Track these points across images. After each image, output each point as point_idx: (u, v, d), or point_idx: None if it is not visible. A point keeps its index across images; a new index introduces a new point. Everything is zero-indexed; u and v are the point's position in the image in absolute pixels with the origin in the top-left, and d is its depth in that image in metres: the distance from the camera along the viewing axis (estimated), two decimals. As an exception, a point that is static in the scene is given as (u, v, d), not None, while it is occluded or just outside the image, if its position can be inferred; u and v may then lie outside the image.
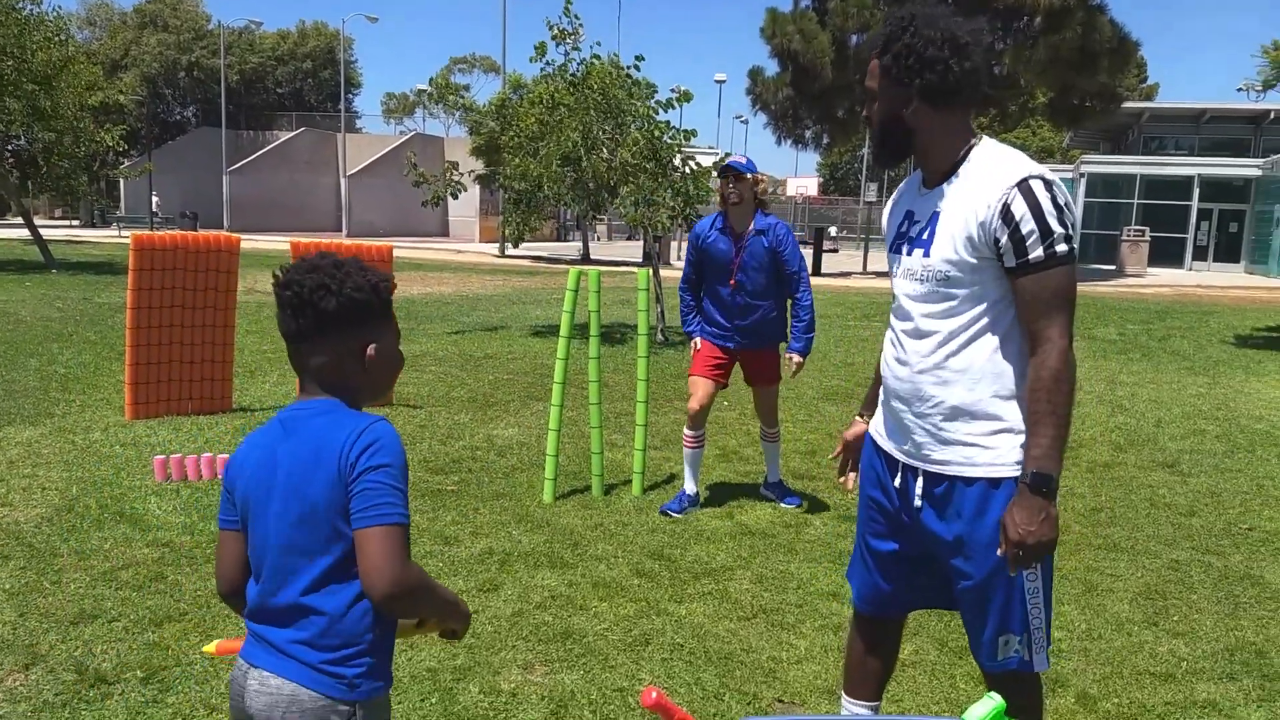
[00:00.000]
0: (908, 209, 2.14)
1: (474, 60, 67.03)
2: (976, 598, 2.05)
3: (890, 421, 2.17)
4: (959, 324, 2.00)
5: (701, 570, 3.98)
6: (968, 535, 2.03)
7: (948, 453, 2.04)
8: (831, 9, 23.34)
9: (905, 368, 2.08)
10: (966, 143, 2.02)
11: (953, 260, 1.97)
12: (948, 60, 1.93)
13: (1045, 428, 1.90)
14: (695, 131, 11.31)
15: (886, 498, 2.19)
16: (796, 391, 8.11)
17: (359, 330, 1.54)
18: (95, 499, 4.62)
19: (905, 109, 2.00)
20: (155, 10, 51.42)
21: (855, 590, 2.34)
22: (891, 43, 1.97)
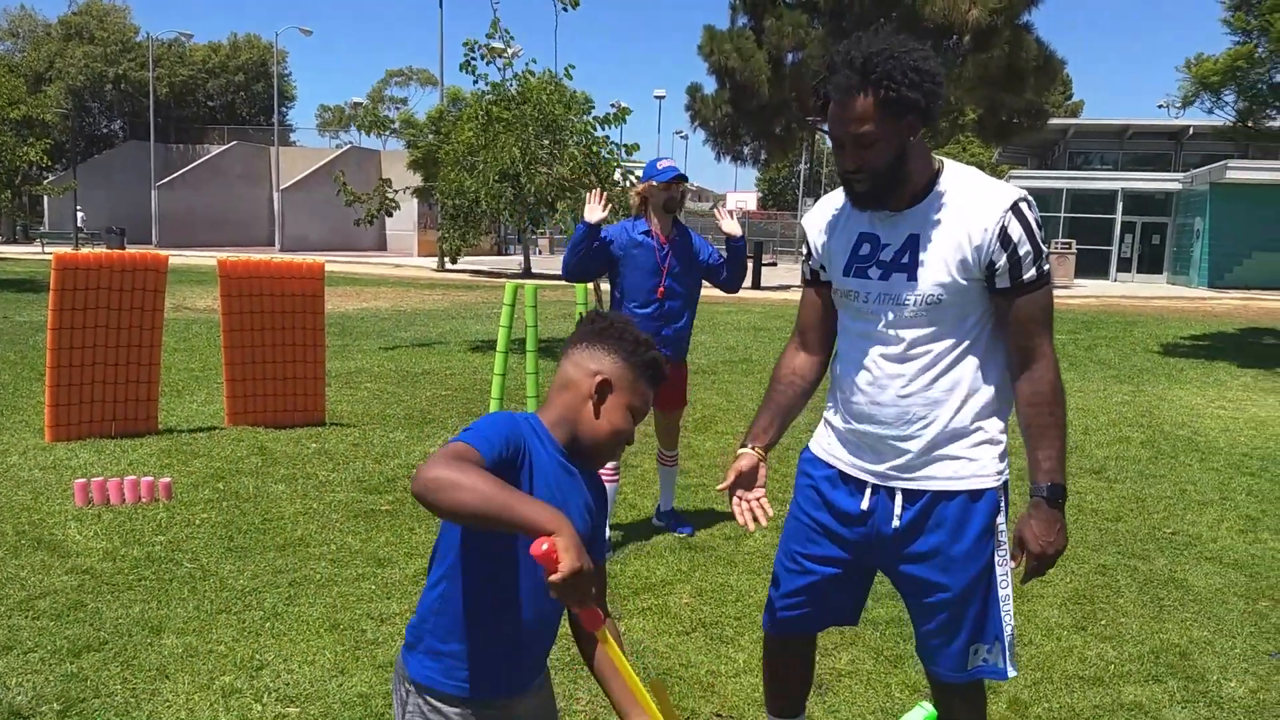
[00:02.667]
0: (864, 231, 2.06)
1: (411, 73, 66.49)
2: (953, 610, 2.06)
3: (856, 444, 2.12)
4: (946, 345, 2.00)
5: (641, 585, 3.96)
6: (947, 548, 2.03)
7: (934, 469, 2.04)
8: (768, 28, 23.68)
9: (886, 392, 2.04)
10: (934, 165, 2.02)
11: (945, 284, 1.96)
12: (940, 77, 1.91)
13: (1052, 440, 1.97)
14: (638, 145, 11.36)
15: (839, 521, 2.14)
16: (738, 404, 8.16)
17: (602, 357, 1.64)
18: (12, 525, 4.43)
19: (912, 137, 1.93)
20: (81, 22, 50.06)
21: (780, 614, 2.26)
22: (896, 75, 1.85)
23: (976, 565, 2.03)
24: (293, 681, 3.05)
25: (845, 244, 2.09)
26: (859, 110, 1.88)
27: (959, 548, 2.02)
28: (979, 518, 2.02)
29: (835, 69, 1.89)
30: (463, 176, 10.92)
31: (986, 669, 2.08)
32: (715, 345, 12.41)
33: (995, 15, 21.65)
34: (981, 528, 2.02)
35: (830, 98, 1.92)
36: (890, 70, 1.84)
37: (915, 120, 1.91)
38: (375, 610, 3.62)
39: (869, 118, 1.87)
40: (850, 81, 1.87)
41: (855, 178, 1.97)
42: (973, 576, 2.02)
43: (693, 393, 8.66)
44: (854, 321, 2.10)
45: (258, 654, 3.21)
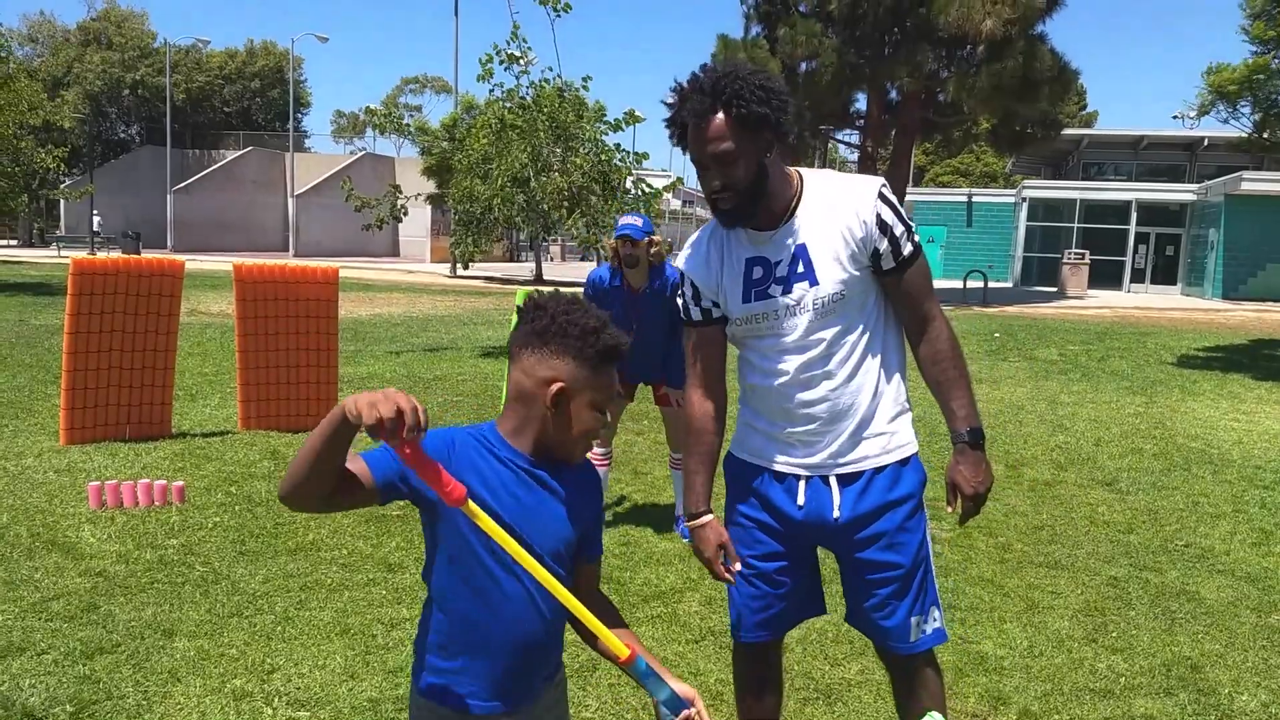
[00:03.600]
0: (749, 257, 2.12)
1: (426, 80, 66.88)
2: (899, 586, 2.13)
3: (785, 443, 2.16)
4: (856, 334, 2.12)
5: (651, 593, 3.96)
6: (889, 525, 2.12)
7: (863, 448, 2.13)
8: (781, 37, 23.70)
9: (817, 391, 2.11)
10: (794, 178, 2.12)
11: (844, 279, 2.07)
12: (784, 98, 1.99)
13: (961, 389, 2.13)
14: (647, 154, 11.38)
15: (774, 516, 2.19)
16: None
17: (551, 362, 1.55)
18: (26, 527, 4.47)
19: (767, 155, 2.03)
20: (99, 28, 50.53)
21: (747, 620, 2.24)
22: (745, 94, 1.94)
23: (917, 537, 2.14)
24: (303, 686, 3.06)
25: (736, 274, 2.14)
26: (715, 130, 1.98)
27: (898, 522, 2.12)
28: (909, 483, 2.14)
29: (687, 96, 1.99)
30: (475, 183, 10.98)
31: (930, 638, 2.17)
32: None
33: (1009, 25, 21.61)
34: (913, 492, 2.14)
35: (687, 122, 2.01)
36: (738, 90, 1.95)
37: (770, 136, 2.01)
38: (386, 615, 3.64)
39: (725, 135, 1.97)
40: (703, 105, 1.97)
41: (721, 197, 2.04)
42: (914, 549, 2.13)
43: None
44: (765, 339, 2.14)
45: (269, 658, 3.23)
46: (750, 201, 2.05)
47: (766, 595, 2.24)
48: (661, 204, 11.36)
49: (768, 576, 2.23)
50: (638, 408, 8.19)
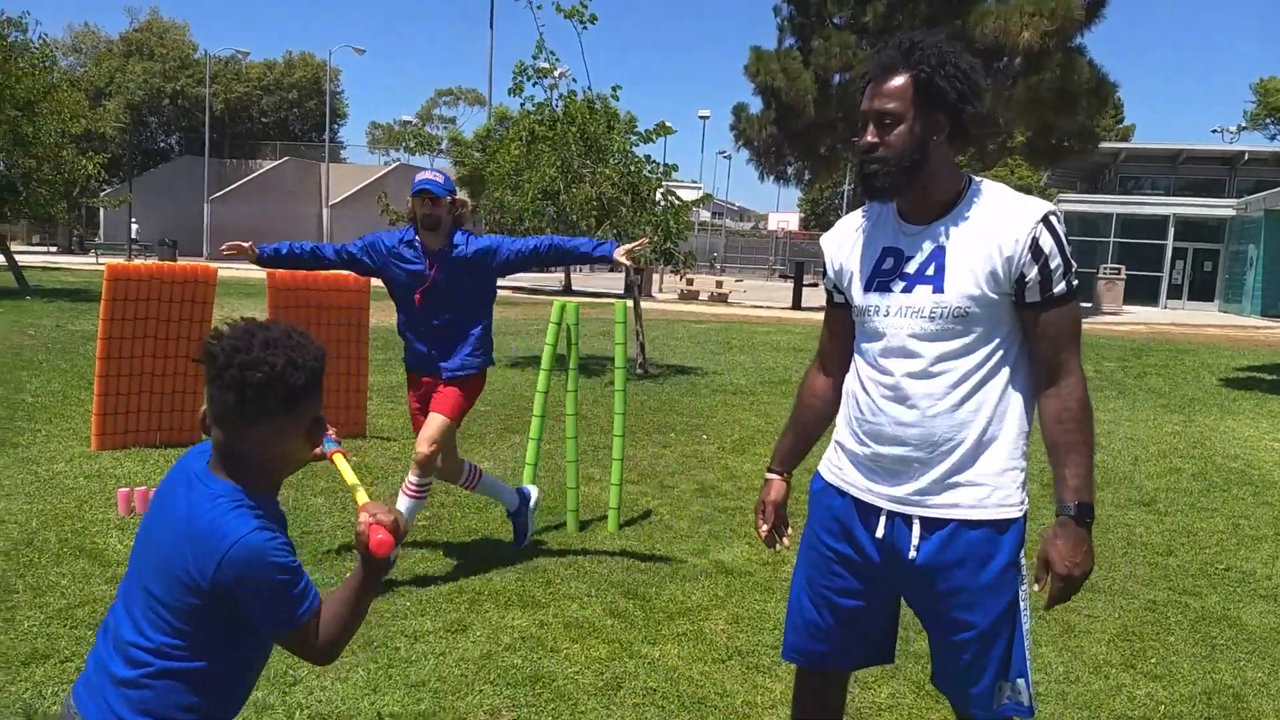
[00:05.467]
0: (887, 245, 2.03)
1: (460, 93, 67.38)
2: (978, 648, 1.98)
3: (870, 468, 2.05)
4: (974, 362, 1.94)
5: (676, 610, 3.90)
6: (972, 583, 1.96)
7: (955, 495, 1.96)
8: (815, 49, 23.64)
9: (912, 411, 1.97)
10: (962, 178, 1.99)
11: (974, 296, 1.91)
12: (983, 91, 1.90)
13: (1080, 457, 1.91)
14: (675, 166, 11.36)
15: (855, 550, 2.08)
16: (777, 426, 8.08)
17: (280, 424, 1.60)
18: (55, 533, 4.50)
19: (935, 138, 1.92)
20: (141, 39, 51.51)
21: (803, 647, 2.19)
22: (942, 62, 1.87)
23: (1003, 600, 1.96)
24: (325, 699, 3.04)
25: (868, 259, 2.06)
26: (889, 87, 1.90)
27: (984, 582, 1.95)
28: (1004, 551, 1.95)
29: (881, 51, 1.95)
30: (506, 194, 11.02)
31: (1011, 707, 2.01)
32: (754, 366, 12.34)
33: (1047, 37, 21.40)
34: (1007, 561, 1.95)
35: (871, 77, 1.94)
36: (930, 57, 1.87)
37: (943, 119, 1.91)
38: (409, 628, 3.61)
39: (897, 96, 1.89)
40: (891, 60, 1.91)
41: (869, 159, 1.94)
42: (999, 613, 1.96)
43: (731, 413, 8.61)
44: (874, 339, 2.04)
45: (291, 669, 3.21)
46: (899, 177, 1.92)
47: (830, 630, 2.14)
48: (690, 216, 11.32)
49: (837, 610, 2.13)
50: (664, 419, 8.15)
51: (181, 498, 1.52)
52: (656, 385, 10.17)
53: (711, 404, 9.14)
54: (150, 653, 1.48)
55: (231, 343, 1.50)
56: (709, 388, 10.21)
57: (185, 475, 1.55)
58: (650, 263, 11.80)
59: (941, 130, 1.92)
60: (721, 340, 15.74)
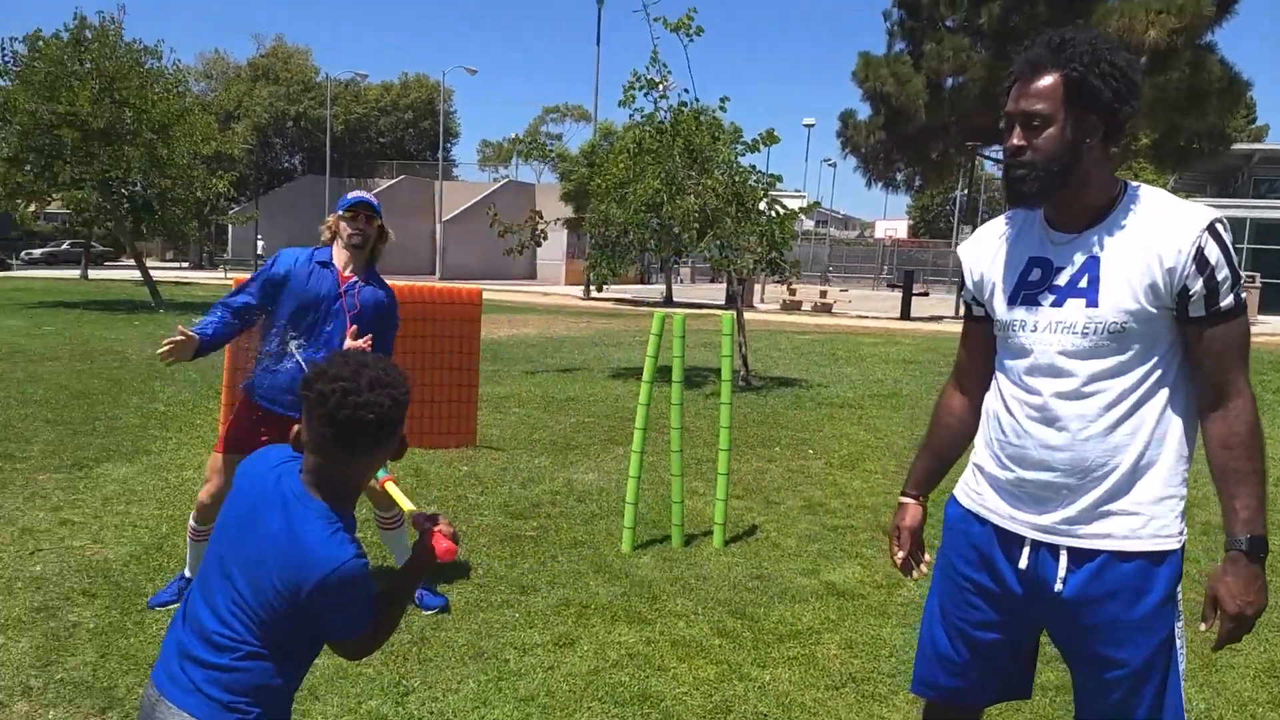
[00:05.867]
0: (1034, 256, 1.90)
1: (566, 110, 68.53)
2: (1129, 687, 1.83)
3: (1014, 494, 1.92)
4: (1130, 381, 1.80)
5: (786, 632, 3.79)
6: (1123, 618, 1.81)
7: (1108, 525, 1.82)
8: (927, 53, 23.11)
9: (1061, 434, 1.83)
10: (1117, 184, 1.84)
11: (1131, 311, 1.77)
12: (1132, 87, 1.76)
13: (1250, 486, 1.75)
14: (780, 177, 11.20)
15: (995, 580, 1.96)
16: (887, 441, 7.85)
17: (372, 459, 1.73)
18: (184, 538, 4.68)
19: (1090, 139, 1.79)
20: (267, 64, 54.14)
21: (935, 681, 2.07)
22: (1096, 60, 1.74)
23: (1156, 638, 1.81)
24: (437, 710, 3.05)
25: (1013, 270, 1.92)
26: (1038, 88, 1.78)
27: (1136, 618, 1.80)
28: (1160, 585, 1.80)
29: (1030, 48, 1.82)
30: (611, 207, 11.08)
31: None
32: (861, 378, 12.05)
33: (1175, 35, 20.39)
34: (1163, 595, 1.80)
35: (1017, 76, 1.83)
36: (1083, 54, 1.75)
37: (1097, 120, 1.78)
38: (518, 640, 3.61)
39: (1046, 96, 1.77)
40: (1040, 59, 1.79)
41: (1015, 163, 1.82)
42: (1152, 651, 1.81)
43: (838, 427, 8.41)
44: (1020, 356, 1.90)
45: (404, 679, 3.24)
46: (1048, 181, 1.80)
47: (965, 664, 2.02)
48: (795, 225, 11.15)
49: (974, 644, 2.01)
50: (768, 433, 8.02)
51: (278, 513, 1.61)
52: (759, 398, 10.03)
53: (817, 417, 8.95)
54: (234, 640, 1.60)
55: (342, 385, 1.57)
56: (814, 401, 10.01)
57: (279, 492, 1.63)
58: (753, 273, 11.66)
59: (1095, 132, 1.79)
60: (826, 352, 15.46)
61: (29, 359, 11.05)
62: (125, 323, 16.11)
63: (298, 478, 1.64)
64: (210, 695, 1.59)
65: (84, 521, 4.89)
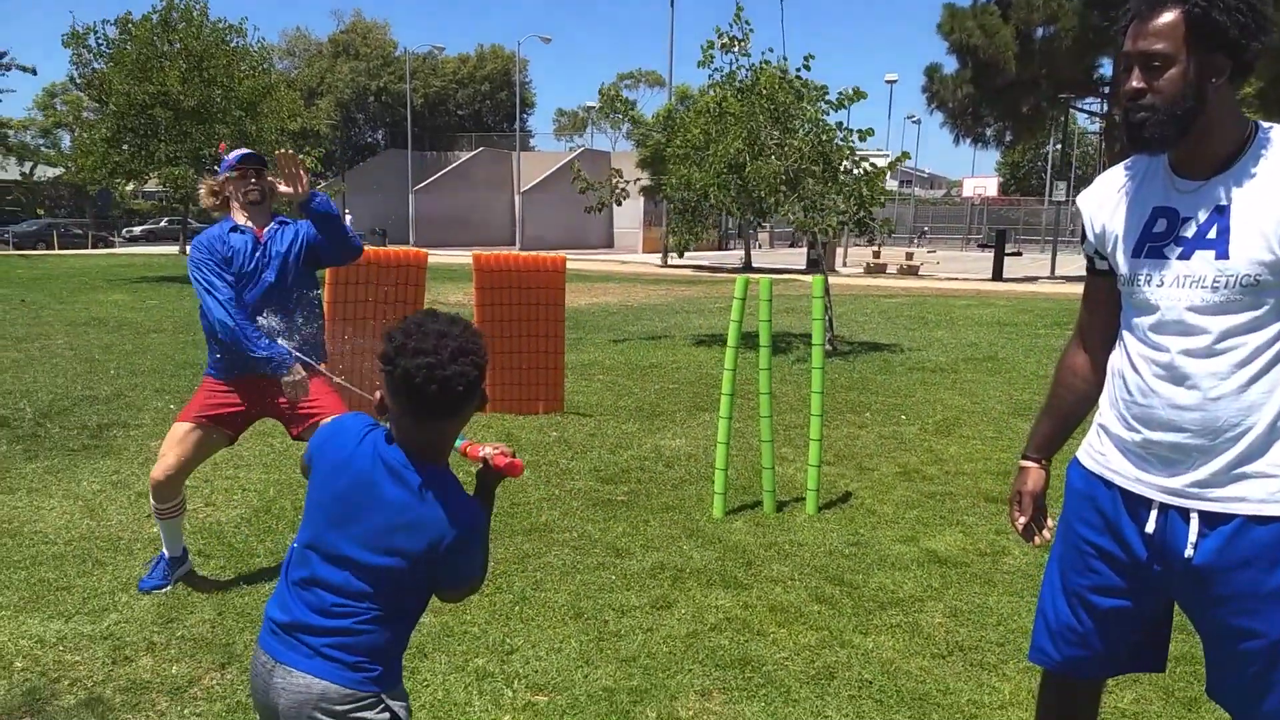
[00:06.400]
0: (1158, 205, 1.80)
1: (640, 75, 68.08)
2: (1267, 660, 1.74)
3: (1141, 455, 1.84)
4: (1266, 337, 1.70)
5: (887, 600, 3.73)
6: (1259, 587, 1.72)
7: (1242, 488, 1.72)
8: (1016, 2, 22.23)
9: (1191, 393, 1.75)
10: (1247, 125, 1.72)
11: (1266, 262, 1.67)
12: (1262, 22, 1.64)
13: None
14: (871, 131, 10.88)
15: (1121, 546, 1.87)
16: (984, 407, 7.64)
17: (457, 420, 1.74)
18: (290, 501, 4.83)
19: (1214, 80, 1.68)
20: (348, 40, 55.06)
21: (1052, 651, 2.01)
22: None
23: None
24: (541, 669, 3.09)
25: (1136, 221, 1.83)
26: (1158, 25, 1.68)
27: (1274, 586, 1.70)
28: None
29: None
30: (691, 170, 10.95)
31: None
32: (954, 342, 11.75)
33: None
34: None
35: (1135, 14, 1.72)
36: None
37: (1222, 61, 1.67)
38: (616, 601, 3.63)
39: (1166, 35, 1.67)
40: None
41: (1134, 106, 1.72)
42: None
43: (931, 392, 8.22)
44: (1146, 312, 1.81)
45: (508, 638, 3.29)
46: (1170, 126, 1.70)
47: (1087, 633, 1.95)
48: (884, 183, 10.84)
49: (1097, 612, 1.94)
50: (858, 398, 7.89)
51: (393, 482, 1.63)
52: (847, 363, 9.86)
53: (909, 383, 8.76)
54: (354, 608, 1.63)
55: (427, 362, 1.57)
56: (905, 365, 9.80)
57: (384, 461, 1.64)
58: (836, 235, 11.41)
59: (1221, 71, 1.67)
60: (915, 315, 15.11)
61: (136, 331, 11.52)
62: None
63: (395, 447, 1.65)
64: (332, 657, 1.62)
65: (195, 486, 5.08)
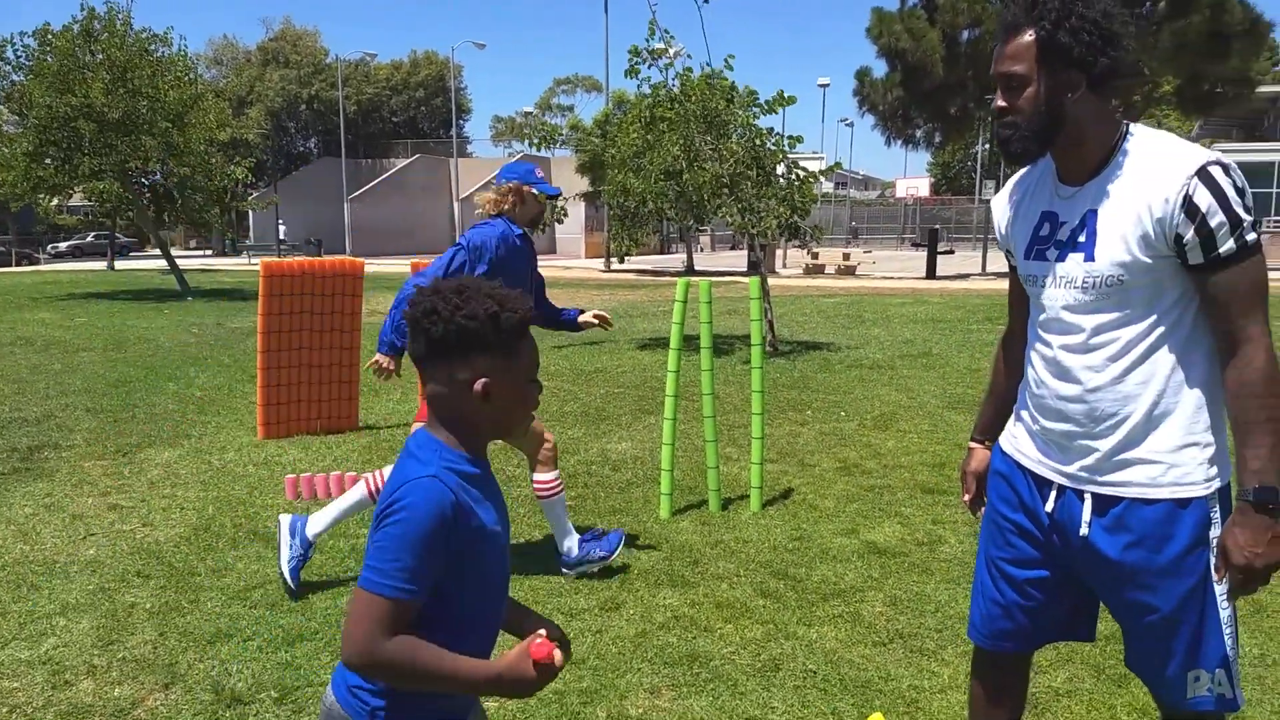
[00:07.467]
0: (1044, 210, 1.93)
1: (577, 80, 68.02)
2: (1162, 631, 1.86)
3: (1043, 441, 1.97)
4: (1136, 332, 1.80)
5: (830, 591, 3.82)
6: (1148, 564, 1.83)
7: (1128, 473, 1.84)
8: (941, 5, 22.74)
9: (1074, 386, 1.87)
10: (1118, 131, 1.83)
11: (1124, 263, 1.77)
12: (1123, 38, 1.75)
13: (1261, 435, 1.71)
14: (800, 138, 11.08)
15: (1032, 521, 2.00)
16: (919, 401, 7.82)
17: (467, 362, 1.42)
18: (230, 518, 4.76)
19: (1070, 95, 1.78)
20: (277, 47, 54.10)
21: (979, 625, 2.12)
22: (1064, 16, 1.74)
23: (1186, 584, 1.81)
24: (489, 677, 3.10)
25: (1028, 225, 1.96)
26: (1014, 48, 1.80)
27: (1162, 564, 1.81)
28: (1185, 531, 1.80)
29: (1008, 8, 1.84)
30: (629, 178, 11.02)
31: (1208, 699, 1.85)
32: (891, 339, 11.99)
33: (1196, -23, 19.95)
34: (1189, 542, 1.80)
35: (997, 38, 1.85)
36: (1051, 11, 1.74)
37: (1075, 76, 1.77)
38: (565, 604, 3.66)
39: (1021, 57, 1.78)
40: (1014, 19, 1.80)
41: (1001, 123, 1.85)
42: (1183, 595, 1.82)
43: (869, 389, 8.39)
44: (1037, 309, 1.95)
45: (455, 648, 3.29)
46: (1032, 142, 1.82)
47: (1011, 605, 2.06)
48: (816, 188, 11.03)
49: (1016, 584, 2.04)
50: (799, 396, 8.01)
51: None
52: (788, 362, 10.01)
53: (848, 380, 8.93)
54: None
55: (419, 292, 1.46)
56: (844, 363, 9.98)
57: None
58: (775, 238, 11.59)
59: (1076, 87, 1.78)
60: (853, 314, 15.38)
61: (65, 350, 11.20)
62: (155, 311, 16.29)
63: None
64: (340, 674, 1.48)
65: (132, 506, 4.98)
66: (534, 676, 1.37)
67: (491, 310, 1.41)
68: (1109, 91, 1.80)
